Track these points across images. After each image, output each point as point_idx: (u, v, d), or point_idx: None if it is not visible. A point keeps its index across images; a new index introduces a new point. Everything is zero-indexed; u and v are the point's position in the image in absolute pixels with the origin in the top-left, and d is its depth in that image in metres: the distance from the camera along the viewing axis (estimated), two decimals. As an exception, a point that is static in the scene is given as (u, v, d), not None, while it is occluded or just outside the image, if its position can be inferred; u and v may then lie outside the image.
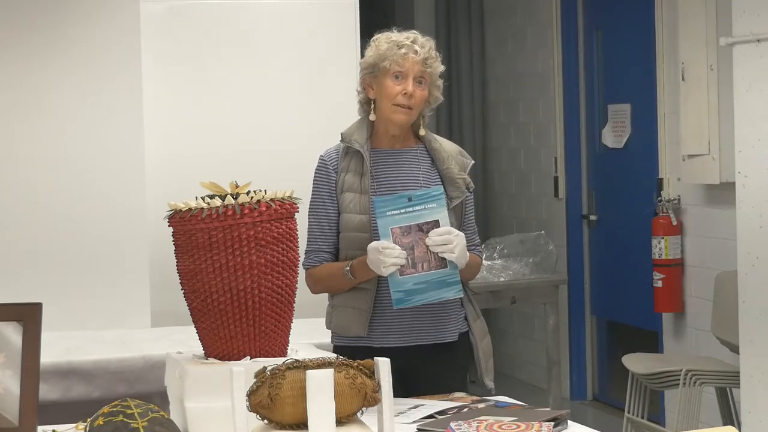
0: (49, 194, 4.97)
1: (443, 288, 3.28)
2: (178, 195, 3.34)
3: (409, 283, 3.26)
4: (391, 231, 3.26)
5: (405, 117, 3.42)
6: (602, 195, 7.30)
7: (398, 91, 3.39)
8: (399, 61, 3.39)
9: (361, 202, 3.40)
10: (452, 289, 3.29)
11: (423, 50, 3.41)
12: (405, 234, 3.26)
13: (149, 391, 4.12)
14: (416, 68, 3.40)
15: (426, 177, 3.47)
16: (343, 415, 2.44)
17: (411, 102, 3.40)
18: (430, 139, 3.52)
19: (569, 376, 7.47)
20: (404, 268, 3.25)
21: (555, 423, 2.85)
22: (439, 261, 3.27)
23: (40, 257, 4.94)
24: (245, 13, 5.25)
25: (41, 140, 4.97)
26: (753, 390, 4.61)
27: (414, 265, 3.26)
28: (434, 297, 3.28)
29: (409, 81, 3.40)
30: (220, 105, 5.21)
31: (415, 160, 3.49)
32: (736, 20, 4.63)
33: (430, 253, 3.27)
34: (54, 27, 4.98)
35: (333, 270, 3.43)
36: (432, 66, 3.43)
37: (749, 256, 4.58)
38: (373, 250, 3.27)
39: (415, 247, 3.26)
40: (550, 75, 7.59)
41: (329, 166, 3.47)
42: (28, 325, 2.80)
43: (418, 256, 3.27)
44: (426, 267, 3.27)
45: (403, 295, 3.26)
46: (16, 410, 2.75)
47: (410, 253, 3.26)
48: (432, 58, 3.43)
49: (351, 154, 3.46)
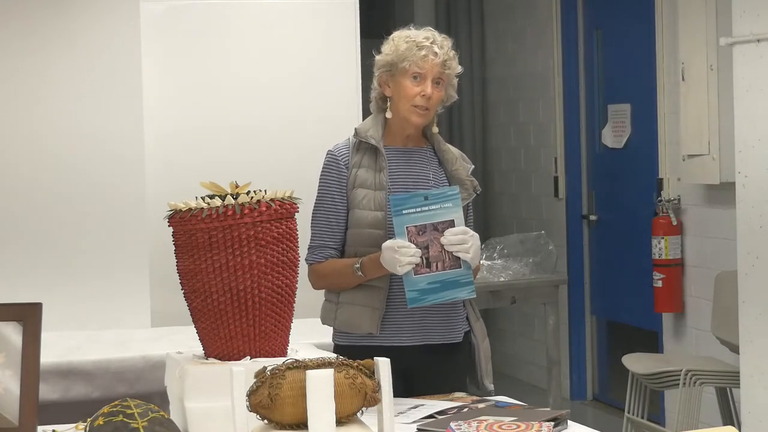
0: (49, 194, 4.97)
1: (457, 288, 3.29)
2: (178, 195, 3.33)
3: (423, 283, 3.27)
4: (406, 229, 3.26)
5: (421, 119, 3.43)
6: (602, 195, 7.30)
7: (417, 92, 3.39)
8: (419, 62, 3.39)
9: (376, 198, 3.39)
10: (466, 289, 3.30)
11: (442, 51, 3.42)
12: (420, 233, 3.27)
13: (149, 391, 4.12)
14: (435, 70, 3.41)
15: (435, 177, 3.48)
16: (343, 415, 2.44)
17: (429, 104, 3.41)
18: (439, 140, 3.53)
19: (569, 376, 7.47)
20: (419, 267, 3.26)
21: (555, 423, 2.85)
22: (454, 261, 3.28)
23: (40, 257, 4.94)
24: (245, 13, 5.25)
25: (41, 140, 4.97)
26: (753, 390, 4.60)
27: (428, 264, 3.27)
28: (448, 297, 3.29)
29: (428, 83, 3.40)
30: (220, 105, 5.21)
31: (426, 160, 3.50)
32: (736, 20, 4.62)
33: (445, 252, 3.27)
34: (54, 27, 4.98)
35: (340, 267, 3.42)
36: (450, 67, 3.44)
37: (749, 256, 4.58)
38: (389, 249, 3.26)
39: (430, 246, 3.27)
40: (550, 75, 7.59)
41: (340, 161, 3.46)
42: (28, 325, 2.80)
43: (433, 255, 3.27)
44: (440, 267, 3.28)
45: (417, 294, 3.26)
46: (16, 410, 2.75)
47: (425, 253, 3.26)
48: (450, 58, 3.45)
49: (363, 150, 3.45)
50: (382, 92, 3.48)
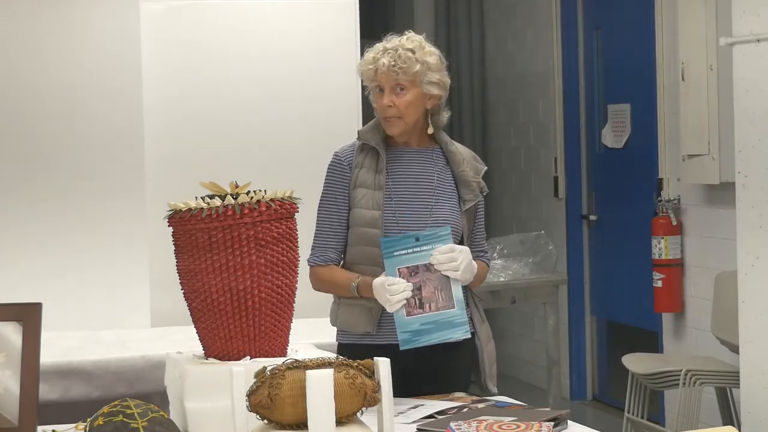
0: (49, 194, 4.97)
1: (450, 329, 3.28)
2: (178, 195, 3.34)
3: (416, 324, 3.26)
4: (398, 271, 3.27)
5: (395, 127, 3.44)
6: (602, 195, 7.30)
7: (382, 104, 3.43)
8: (371, 77, 3.44)
9: (374, 198, 3.41)
10: (459, 329, 3.29)
11: (390, 59, 3.40)
12: (412, 274, 3.28)
13: (149, 391, 4.12)
14: (386, 78, 3.41)
15: (441, 178, 3.49)
16: (343, 415, 2.44)
17: (393, 112, 3.41)
18: (447, 141, 3.53)
19: (569, 376, 7.47)
20: (411, 308, 3.26)
21: (555, 423, 2.85)
22: (447, 301, 3.28)
23: (40, 257, 4.94)
24: (245, 13, 5.25)
25: (40, 139, 4.97)
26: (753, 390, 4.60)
27: (421, 305, 3.27)
28: (441, 337, 3.28)
29: (386, 93, 3.42)
30: (220, 105, 5.21)
31: (431, 161, 3.51)
32: (736, 20, 4.62)
33: (438, 292, 3.28)
34: (54, 26, 4.98)
35: (339, 280, 3.44)
36: (402, 69, 3.39)
37: (749, 256, 4.57)
38: (379, 287, 3.29)
39: (423, 287, 3.27)
40: (550, 75, 7.59)
41: (344, 163, 3.48)
42: (28, 325, 2.80)
43: (426, 296, 3.27)
44: (433, 307, 3.27)
45: (409, 336, 3.26)
46: (16, 410, 2.75)
47: (417, 294, 3.27)
48: (400, 61, 3.39)
49: (366, 151, 3.48)
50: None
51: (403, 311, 3.26)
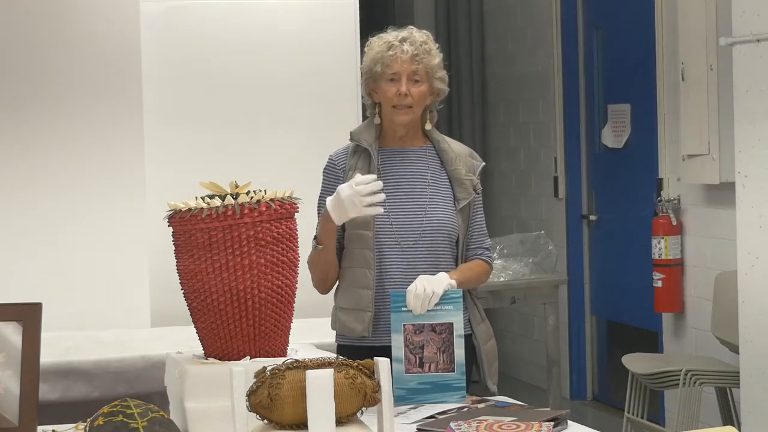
0: (48, 194, 4.97)
1: (447, 392, 3.24)
2: (178, 195, 3.34)
3: (413, 382, 3.23)
4: (403, 326, 3.25)
5: (406, 116, 3.44)
6: (602, 195, 7.30)
7: (394, 92, 3.41)
8: (389, 63, 3.42)
9: None
10: (456, 394, 3.24)
11: (412, 47, 3.42)
12: (417, 332, 3.25)
13: (149, 391, 4.12)
14: (406, 67, 3.41)
15: (434, 177, 3.49)
16: (343, 415, 2.44)
17: (408, 101, 3.42)
18: (439, 140, 3.53)
19: (569, 376, 7.47)
20: (411, 366, 3.24)
21: (555, 423, 2.85)
22: (448, 364, 3.25)
23: (40, 257, 4.94)
24: (245, 13, 5.25)
25: (40, 140, 4.97)
26: (753, 390, 4.60)
27: (421, 364, 3.24)
28: (437, 399, 3.23)
29: (403, 81, 3.41)
30: (220, 104, 5.21)
31: (423, 160, 3.51)
32: (736, 20, 4.62)
33: (440, 354, 3.24)
34: (53, 27, 4.98)
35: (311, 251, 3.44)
36: (423, 61, 3.43)
37: (749, 256, 4.58)
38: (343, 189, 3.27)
39: (426, 346, 3.25)
40: (550, 75, 7.59)
41: (337, 166, 3.50)
42: (28, 325, 2.80)
43: (427, 356, 3.25)
44: (433, 368, 3.25)
45: (405, 393, 3.22)
46: (16, 410, 2.75)
47: (419, 353, 3.24)
48: (423, 52, 3.43)
49: (359, 153, 3.48)
50: (372, 100, 3.51)
51: (402, 366, 3.23)
